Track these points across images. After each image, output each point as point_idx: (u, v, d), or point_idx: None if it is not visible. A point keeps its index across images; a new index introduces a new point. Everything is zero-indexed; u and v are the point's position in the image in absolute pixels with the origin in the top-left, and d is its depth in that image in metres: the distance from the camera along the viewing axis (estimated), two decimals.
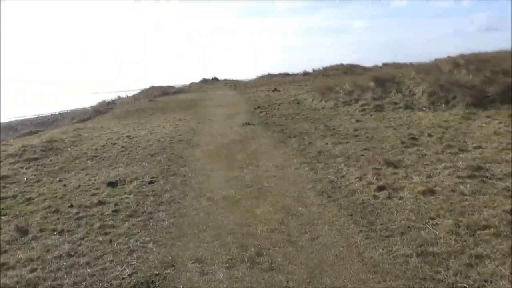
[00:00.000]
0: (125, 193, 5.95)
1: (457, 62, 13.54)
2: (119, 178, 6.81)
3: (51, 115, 39.72)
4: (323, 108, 13.72)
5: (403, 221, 3.97)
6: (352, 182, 5.40)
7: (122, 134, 11.14)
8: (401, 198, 4.60)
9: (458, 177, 5.09)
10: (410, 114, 10.97)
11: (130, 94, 32.34)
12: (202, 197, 5.52)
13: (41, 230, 4.70)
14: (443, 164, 5.72)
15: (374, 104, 12.45)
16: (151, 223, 4.65)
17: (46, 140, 10.05)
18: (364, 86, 14.22)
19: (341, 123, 10.43)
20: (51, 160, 8.65)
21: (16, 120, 38.62)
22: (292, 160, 7.06)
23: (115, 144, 9.84)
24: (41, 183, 7.11)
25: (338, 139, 8.36)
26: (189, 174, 6.75)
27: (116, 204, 5.43)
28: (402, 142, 7.30)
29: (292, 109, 14.07)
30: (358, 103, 13.08)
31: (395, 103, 12.14)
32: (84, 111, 28.02)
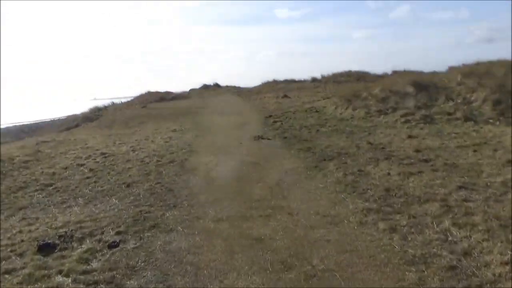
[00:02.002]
0: (60, 272, 3.27)
1: None
2: (65, 231, 4.16)
3: (41, 122, 36.89)
4: (352, 118, 11.08)
5: None
6: (499, 274, 2.71)
7: (96, 150, 8.47)
8: None
9: None
10: (476, 128, 8.35)
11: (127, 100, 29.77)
12: None
13: None
14: None
15: (420, 114, 9.84)
16: None
17: None
18: (401, 92, 11.61)
19: (389, 140, 7.77)
20: None
21: None
22: (345, 204, 4.39)
23: (82, 165, 7.18)
24: None
25: (400, 166, 5.71)
26: (179, 228, 4.08)
27: None
28: None
29: (313, 119, 11.43)
30: (397, 113, 10.47)
31: (449, 114, 9.53)
32: (74, 117, 25.65)
